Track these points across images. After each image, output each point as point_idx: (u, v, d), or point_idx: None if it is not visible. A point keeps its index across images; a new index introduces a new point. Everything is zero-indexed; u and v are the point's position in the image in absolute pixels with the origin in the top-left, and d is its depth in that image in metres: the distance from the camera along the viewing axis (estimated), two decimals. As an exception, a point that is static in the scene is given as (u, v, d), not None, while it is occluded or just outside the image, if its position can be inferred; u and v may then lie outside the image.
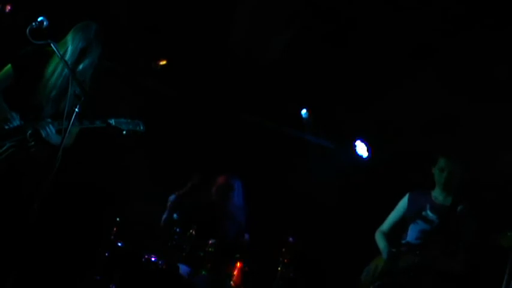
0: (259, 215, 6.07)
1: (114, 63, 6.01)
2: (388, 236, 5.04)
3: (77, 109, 3.60)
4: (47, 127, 3.95)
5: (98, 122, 4.08)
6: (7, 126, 3.94)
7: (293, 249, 5.53)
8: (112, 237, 5.31)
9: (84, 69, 4.12)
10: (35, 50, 4.02)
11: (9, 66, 4.07)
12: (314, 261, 6.53)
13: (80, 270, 5.48)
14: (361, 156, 6.76)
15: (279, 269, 5.50)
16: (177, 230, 5.46)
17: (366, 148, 6.73)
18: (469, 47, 5.34)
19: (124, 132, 4.15)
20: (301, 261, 5.81)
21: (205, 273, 5.32)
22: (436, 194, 4.88)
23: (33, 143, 3.95)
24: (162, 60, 6.39)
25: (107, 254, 5.25)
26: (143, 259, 5.21)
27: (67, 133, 3.60)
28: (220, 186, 5.90)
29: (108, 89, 4.68)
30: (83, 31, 4.13)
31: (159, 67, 6.41)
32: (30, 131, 3.94)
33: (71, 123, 3.62)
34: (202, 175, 5.92)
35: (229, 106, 6.86)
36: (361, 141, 6.75)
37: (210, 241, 5.42)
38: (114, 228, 5.34)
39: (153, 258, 5.23)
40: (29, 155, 3.98)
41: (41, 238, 4.60)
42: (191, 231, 5.45)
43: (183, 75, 6.55)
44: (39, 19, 3.75)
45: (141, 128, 4.26)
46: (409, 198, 5.00)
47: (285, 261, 5.51)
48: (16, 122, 3.97)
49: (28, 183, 3.97)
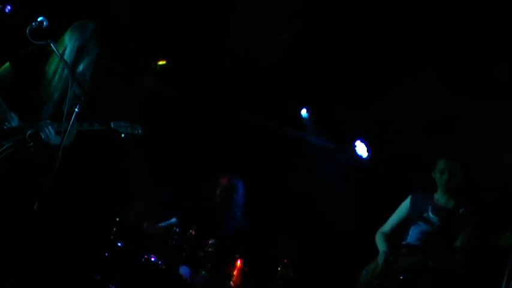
0: (259, 215, 6.07)
1: (114, 63, 6.01)
2: (389, 237, 5.03)
3: (76, 109, 3.60)
4: (46, 128, 3.96)
5: (97, 124, 4.09)
6: (6, 127, 3.94)
7: (293, 249, 5.54)
8: (112, 237, 5.31)
9: (83, 69, 4.12)
10: (35, 50, 4.02)
11: (8, 64, 4.07)
12: (314, 261, 6.52)
13: (80, 270, 5.48)
14: (361, 156, 6.76)
15: (279, 269, 5.50)
16: (177, 230, 5.47)
17: (366, 148, 6.73)
18: (469, 47, 5.34)
19: (122, 135, 4.17)
20: (301, 261, 5.81)
21: (205, 273, 5.32)
22: (438, 196, 4.87)
23: (32, 143, 3.95)
24: (162, 60, 6.39)
25: (107, 254, 5.25)
26: (143, 259, 5.21)
27: (68, 135, 3.60)
28: (224, 187, 5.90)
29: (108, 89, 4.68)
30: (79, 30, 4.14)
31: (158, 67, 6.41)
32: (29, 132, 3.94)
33: (71, 123, 3.62)
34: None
35: (229, 106, 6.86)
36: (361, 141, 6.75)
37: (210, 241, 5.42)
38: (114, 228, 5.34)
39: (153, 258, 5.23)
40: (28, 155, 3.98)
41: (41, 238, 4.60)
42: (191, 231, 5.45)
43: (183, 75, 6.55)
44: (39, 19, 3.75)
45: (139, 131, 4.30)
46: (412, 200, 4.99)
47: (285, 261, 5.52)
48: (15, 122, 3.97)
49: (28, 183, 3.97)
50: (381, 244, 4.99)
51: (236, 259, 5.42)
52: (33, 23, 3.73)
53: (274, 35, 6.11)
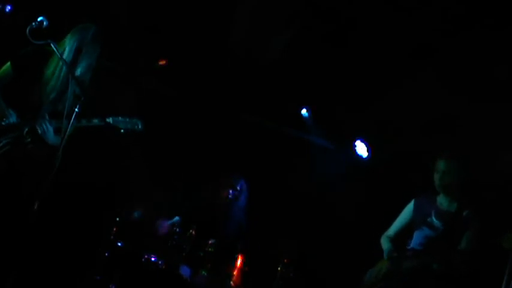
0: (259, 215, 6.07)
1: (114, 63, 6.01)
2: (394, 241, 5.00)
3: (76, 109, 3.60)
4: (43, 124, 3.95)
5: (96, 120, 4.07)
6: (4, 123, 3.94)
7: (293, 249, 5.54)
8: (112, 237, 5.31)
9: (82, 72, 4.11)
10: (35, 50, 4.02)
11: (8, 64, 4.07)
12: (314, 261, 6.52)
13: (80, 270, 5.48)
14: (361, 156, 6.75)
15: (279, 269, 5.50)
16: (177, 230, 5.47)
17: (366, 148, 6.72)
18: (469, 47, 5.34)
19: (122, 131, 4.15)
20: (301, 261, 5.81)
21: (205, 273, 5.32)
22: (441, 199, 4.80)
23: (29, 139, 3.95)
24: (162, 60, 6.39)
25: (107, 254, 5.25)
26: (143, 259, 5.22)
27: (66, 133, 3.59)
28: (226, 187, 5.89)
29: (108, 89, 4.68)
30: (80, 33, 4.14)
31: (158, 66, 6.41)
32: (26, 128, 3.94)
33: (71, 123, 3.62)
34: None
35: (229, 106, 6.86)
36: (361, 141, 6.74)
37: (210, 241, 5.42)
38: (114, 228, 5.34)
39: (153, 258, 5.24)
40: (26, 152, 3.97)
41: (41, 238, 4.59)
42: (191, 231, 5.45)
43: (183, 75, 6.55)
44: (39, 19, 3.75)
45: (139, 126, 4.25)
46: (415, 204, 4.93)
47: (285, 261, 5.52)
48: (13, 118, 3.97)
49: (28, 183, 3.97)
50: (385, 245, 4.95)
51: (237, 258, 5.42)
52: (33, 23, 3.73)
53: (274, 35, 6.11)
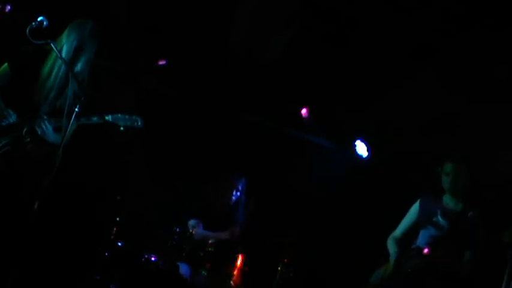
0: (259, 214, 6.07)
1: (114, 63, 6.01)
2: (401, 242, 5.00)
3: (76, 109, 3.60)
4: (42, 124, 3.95)
5: (95, 118, 4.06)
6: (3, 123, 3.94)
7: (293, 249, 5.54)
8: (112, 237, 5.31)
9: (81, 68, 4.11)
10: (34, 49, 4.02)
11: (6, 64, 4.07)
12: (314, 261, 6.52)
13: (80, 270, 5.48)
14: (361, 156, 6.75)
15: (279, 269, 5.50)
16: (177, 230, 5.47)
17: (366, 148, 6.72)
18: (469, 47, 5.34)
19: (121, 128, 4.13)
20: (301, 261, 5.81)
21: (205, 273, 5.32)
22: (447, 199, 4.84)
23: (28, 139, 3.95)
24: (161, 60, 6.39)
25: (107, 254, 5.25)
26: (143, 259, 5.21)
27: (67, 132, 3.60)
28: (228, 188, 5.89)
29: (107, 88, 4.68)
30: (78, 29, 4.12)
31: (157, 66, 6.41)
32: (26, 128, 3.94)
33: (71, 123, 3.62)
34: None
35: (229, 106, 6.86)
36: (361, 141, 6.74)
37: (210, 241, 5.42)
38: (114, 228, 5.34)
39: (153, 258, 5.23)
40: (26, 152, 3.97)
41: (41, 238, 4.59)
42: (191, 231, 5.45)
43: (183, 75, 6.55)
44: (39, 19, 3.75)
45: (139, 123, 4.23)
46: (420, 204, 4.95)
47: (285, 261, 5.52)
48: (13, 118, 3.97)
49: (28, 183, 3.97)
50: (392, 247, 4.95)
51: (237, 258, 5.42)
52: (33, 23, 3.73)
53: (274, 35, 6.11)
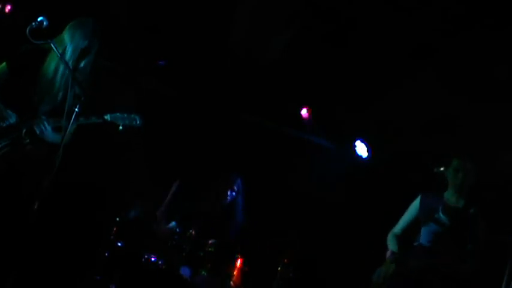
0: (259, 214, 6.07)
1: (114, 63, 6.02)
2: (401, 238, 4.97)
3: (76, 109, 3.60)
4: (41, 124, 3.95)
5: (94, 118, 4.06)
6: (3, 124, 3.94)
7: (293, 249, 5.54)
8: (112, 237, 5.31)
9: (84, 67, 4.12)
10: (34, 49, 4.01)
11: (4, 64, 4.06)
12: (314, 261, 6.52)
13: (80, 270, 5.48)
14: (361, 156, 6.76)
15: (279, 269, 5.50)
16: (177, 230, 5.47)
17: (366, 148, 6.73)
18: (469, 47, 5.34)
19: (120, 127, 4.13)
20: (301, 261, 5.81)
21: (205, 273, 5.32)
22: (449, 195, 4.79)
23: (28, 140, 3.95)
24: (160, 60, 6.40)
25: (107, 254, 5.25)
26: (143, 259, 5.21)
27: (67, 132, 3.60)
28: (224, 186, 5.89)
29: (108, 89, 4.68)
30: (81, 29, 4.11)
31: (158, 66, 6.42)
32: (25, 129, 3.94)
33: (71, 123, 3.61)
34: (181, 182, 5.83)
35: (229, 106, 6.86)
36: (361, 141, 6.75)
37: (210, 241, 5.42)
38: (114, 228, 5.34)
39: (153, 258, 5.23)
40: (26, 153, 3.97)
41: (41, 238, 4.60)
42: (191, 231, 5.45)
43: (183, 75, 6.55)
44: (39, 19, 3.74)
45: (138, 122, 4.22)
46: (421, 200, 4.89)
47: (285, 261, 5.52)
48: (12, 119, 3.97)
49: (28, 183, 3.97)
50: (392, 244, 4.93)
51: (236, 259, 5.42)
52: (33, 23, 3.73)
53: (274, 35, 6.11)
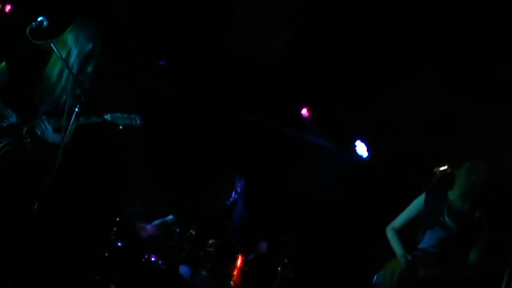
0: (259, 214, 6.07)
1: (114, 63, 6.02)
2: (400, 233, 4.93)
3: (76, 109, 3.60)
4: (42, 124, 3.95)
5: (94, 117, 4.06)
6: (3, 124, 3.94)
7: (293, 249, 5.54)
8: (112, 237, 5.31)
9: (90, 71, 4.12)
10: (34, 49, 4.01)
11: (4, 64, 4.06)
12: (314, 261, 6.53)
13: (80, 270, 5.48)
14: (361, 156, 6.76)
15: (279, 269, 5.50)
16: (177, 230, 5.47)
17: (366, 148, 6.73)
18: (469, 47, 5.34)
19: (120, 127, 4.13)
20: (301, 261, 5.82)
21: (205, 273, 5.32)
22: (454, 197, 4.75)
23: (28, 140, 3.95)
24: (160, 60, 6.40)
25: (107, 254, 5.25)
26: (143, 259, 5.22)
27: (67, 132, 3.60)
28: (226, 186, 5.89)
29: (108, 89, 4.68)
30: (85, 31, 4.10)
31: (158, 66, 6.42)
32: (25, 129, 3.94)
33: (71, 123, 3.62)
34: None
35: (229, 106, 6.86)
36: (361, 141, 6.75)
37: (210, 241, 5.42)
38: (114, 228, 5.35)
39: (153, 258, 5.23)
40: (26, 152, 3.97)
41: (41, 238, 4.60)
42: (191, 231, 5.45)
43: (183, 75, 6.55)
44: (39, 19, 3.74)
45: (138, 122, 4.23)
46: (426, 198, 4.85)
47: (285, 261, 5.52)
48: (12, 119, 3.97)
49: (28, 183, 3.97)
50: (395, 244, 4.87)
51: (237, 258, 5.42)
52: (33, 23, 3.73)
53: (274, 35, 6.11)
